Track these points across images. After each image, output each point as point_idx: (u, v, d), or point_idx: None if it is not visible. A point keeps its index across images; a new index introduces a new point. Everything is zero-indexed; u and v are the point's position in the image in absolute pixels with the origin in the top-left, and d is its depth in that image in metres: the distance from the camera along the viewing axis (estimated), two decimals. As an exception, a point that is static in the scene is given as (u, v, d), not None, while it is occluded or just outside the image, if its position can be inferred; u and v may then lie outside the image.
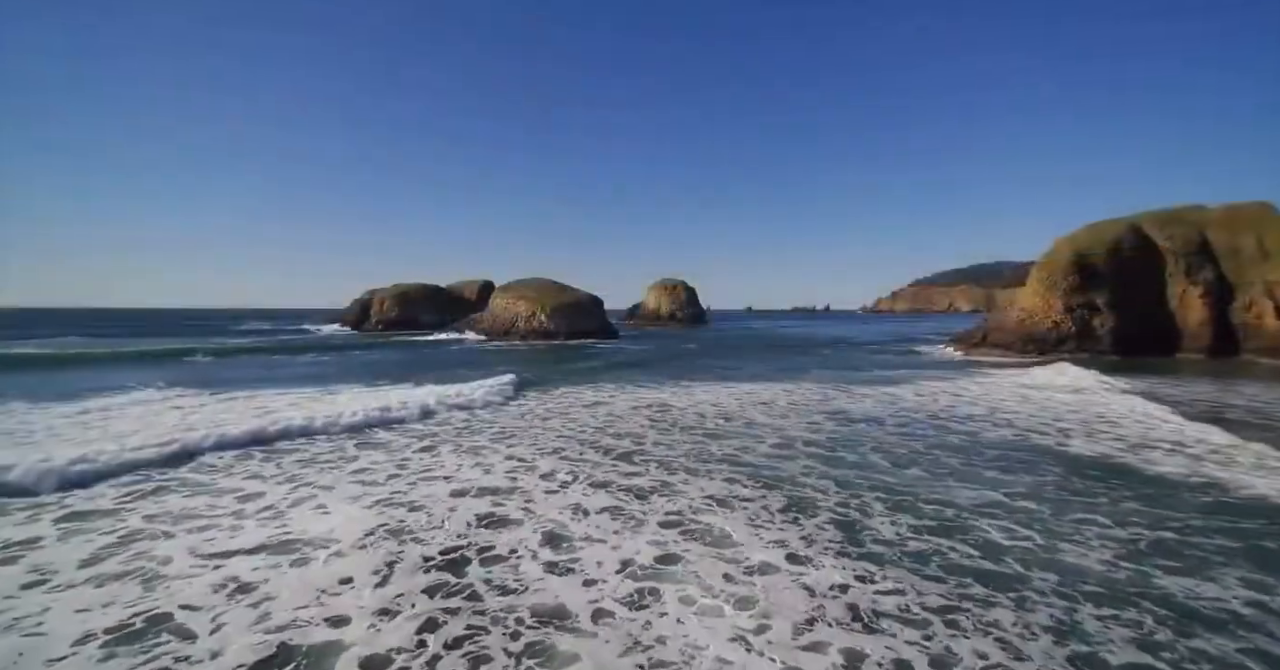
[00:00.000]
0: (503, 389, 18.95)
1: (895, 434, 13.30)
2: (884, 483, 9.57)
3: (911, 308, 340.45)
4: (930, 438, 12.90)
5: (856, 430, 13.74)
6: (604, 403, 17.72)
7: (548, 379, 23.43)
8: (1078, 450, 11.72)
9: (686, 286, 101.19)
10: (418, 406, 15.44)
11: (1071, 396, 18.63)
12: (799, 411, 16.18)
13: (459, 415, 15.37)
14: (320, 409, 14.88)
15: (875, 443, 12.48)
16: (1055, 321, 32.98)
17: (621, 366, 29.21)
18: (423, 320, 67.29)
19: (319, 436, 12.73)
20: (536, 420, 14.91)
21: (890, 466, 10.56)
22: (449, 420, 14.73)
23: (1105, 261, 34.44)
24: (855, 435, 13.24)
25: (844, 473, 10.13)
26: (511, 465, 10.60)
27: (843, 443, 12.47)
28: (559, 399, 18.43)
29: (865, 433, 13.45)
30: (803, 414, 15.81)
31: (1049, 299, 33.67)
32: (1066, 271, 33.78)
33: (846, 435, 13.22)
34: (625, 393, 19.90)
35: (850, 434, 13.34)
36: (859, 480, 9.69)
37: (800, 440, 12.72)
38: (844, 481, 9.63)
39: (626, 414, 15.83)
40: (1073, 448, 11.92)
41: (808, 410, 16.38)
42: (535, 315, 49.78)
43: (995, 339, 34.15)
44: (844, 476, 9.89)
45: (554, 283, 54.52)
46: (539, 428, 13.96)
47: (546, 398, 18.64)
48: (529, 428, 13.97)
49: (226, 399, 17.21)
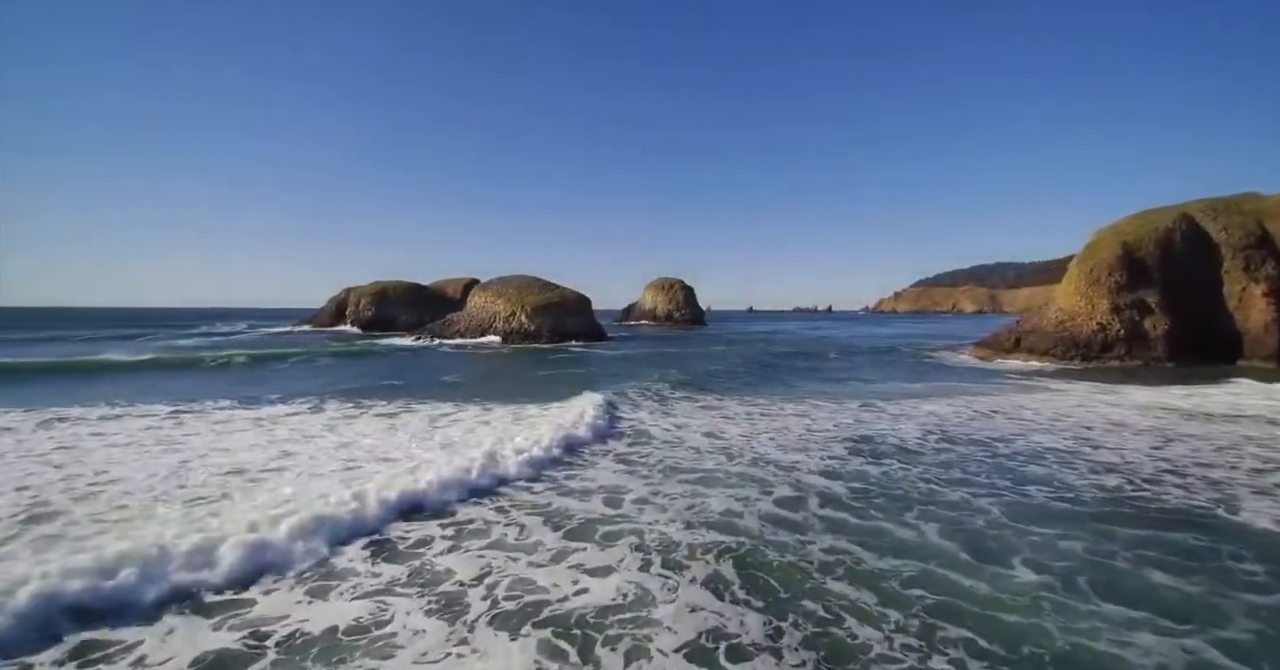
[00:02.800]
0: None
1: (951, 483, 9.14)
2: (963, 595, 5.43)
3: (915, 308, 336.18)
4: (1005, 491, 8.74)
5: (893, 475, 9.60)
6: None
7: (492, 393, 19.34)
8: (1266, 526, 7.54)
9: (684, 285, 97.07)
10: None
11: (1212, 427, 14.43)
12: (815, 442, 12.01)
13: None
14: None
15: (924, 497, 8.35)
16: (1101, 324, 28.75)
17: (605, 372, 25.09)
18: (401, 321, 63.14)
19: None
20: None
21: (961, 555, 6.40)
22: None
23: (1155, 255, 30.22)
24: (892, 483, 9.09)
25: (886, 568, 5.97)
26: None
27: (877, 497, 8.33)
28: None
29: (907, 480, 9.30)
30: (819, 445, 11.65)
31: (1093, 298, 29.44)
32: (1113, 267, 29.55)
33: (881, 483, 9.07)
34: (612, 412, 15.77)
35: (885, 481, 9.19)
36: (918, 592, 5.54)
37: (815, 492, 8.58)
38: (892, 597, 5.48)
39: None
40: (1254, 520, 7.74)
41: (825, 439, 12.22)
42: (514, 315, 45.59)
43: (1030, 344, 29.92)
44: (889, 586, 5.73)
45: (537, 280, 50.32)
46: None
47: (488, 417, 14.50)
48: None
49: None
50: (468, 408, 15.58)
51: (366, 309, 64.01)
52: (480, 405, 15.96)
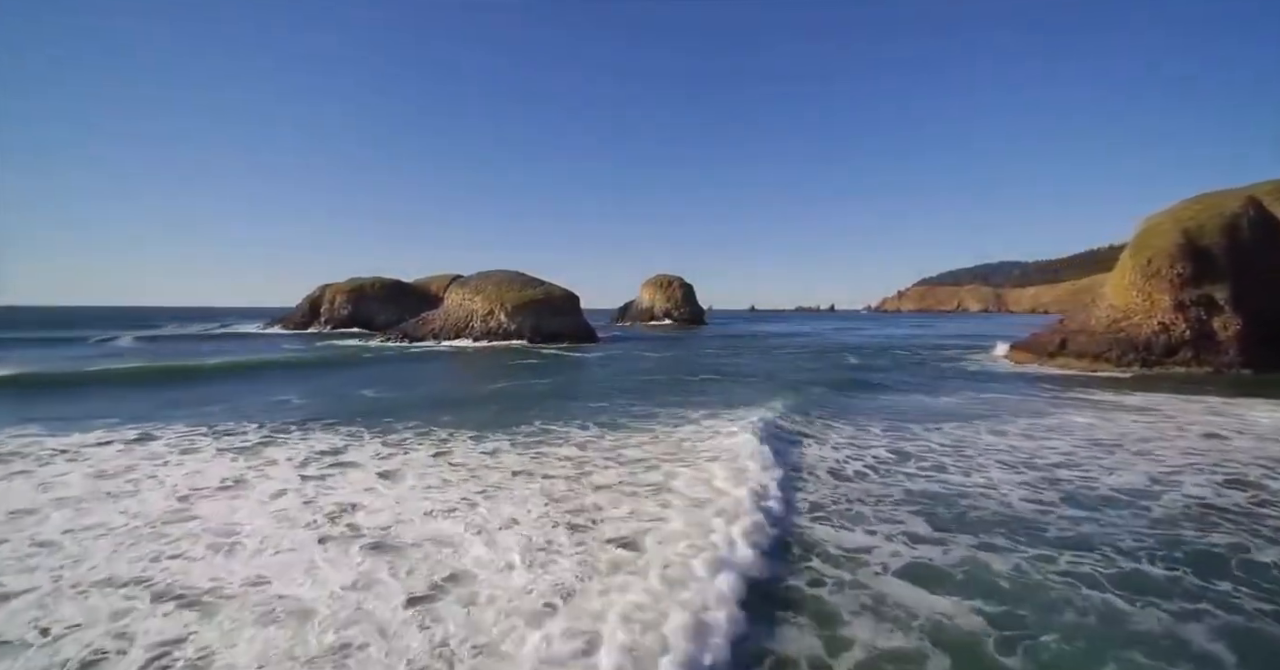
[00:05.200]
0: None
1: (1046, 572, 5.10)
2: None
3: (919, 307, 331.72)
4: (1226, 608, 4.70)
5: (953, 558, 5.56)
6: (532, 466, 9.55)
7: (428, 417, 15.43)
8: None
9: (683, 283, 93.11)
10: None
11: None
12: (831, 488, 7.97)
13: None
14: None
15: (1012, 623, 4.29)
16: (1163, 324, 24.68)
17: (563, 389, 21.09)
18: (380, 320, 59.15)
19: None
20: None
21: None
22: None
23: (1221, 245, 26.13)
24: (951, 582, 5.04)
25: None
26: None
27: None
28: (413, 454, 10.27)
29: (974, 570, 5.24)
30: (839, 490, 7.61)
31: (1152, 294, 25.36)
32: (1175, 257, 25.47)
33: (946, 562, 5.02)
34: (564, 439, 11.76)
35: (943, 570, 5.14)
36: None
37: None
38: None
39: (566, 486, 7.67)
40: None
41: (877, 494, 8.17)
42: (493, 314, 41.51)
43: (1079, 346, 25.85)
44: None
45: (520, 275, 46.20)
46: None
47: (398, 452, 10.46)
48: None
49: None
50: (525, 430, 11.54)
51: (342, 307, 60.04)
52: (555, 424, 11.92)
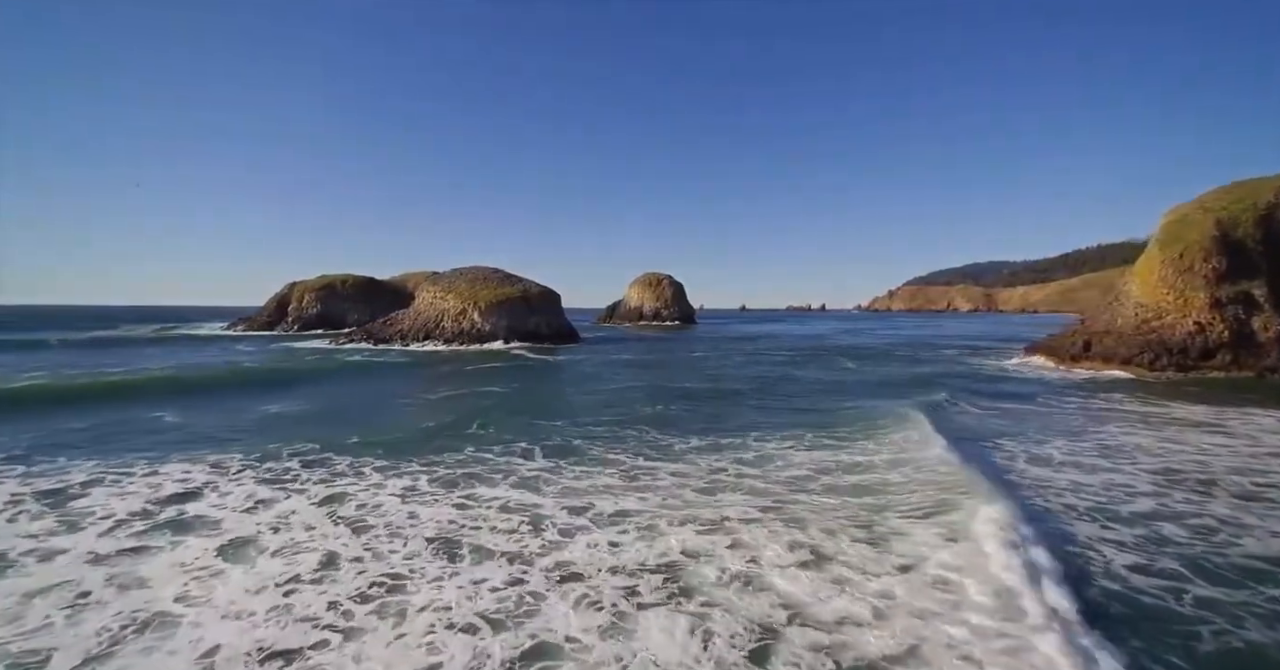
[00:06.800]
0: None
1: None
2: None
3: (910, 307, 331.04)
4: None
5: None
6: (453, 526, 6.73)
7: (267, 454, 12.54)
8: None
9: (673, 281, 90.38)
10: None
11: None
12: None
13: None
14: None
15: None
16: (1199, 324, 22.25)
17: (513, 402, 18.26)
18: (351, 319, 55.95)
19: None
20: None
21: None
22: None
23: (1257, 237, 23.80)
24: None
25: None
26: None
27: None
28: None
29: None
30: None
31: (1185, 292, 22.94)
32: (1209, 251, 23.08)
33: None
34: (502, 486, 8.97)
35: None
36: None
37: None
38: None
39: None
40: None
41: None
42: (465, 313, 38.52)
43: (1105, 348, 23.38)
44: None
45: (497, 272, 43.20)
46: None
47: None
48: None
49: None
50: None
51: (311, 306, 56.70)
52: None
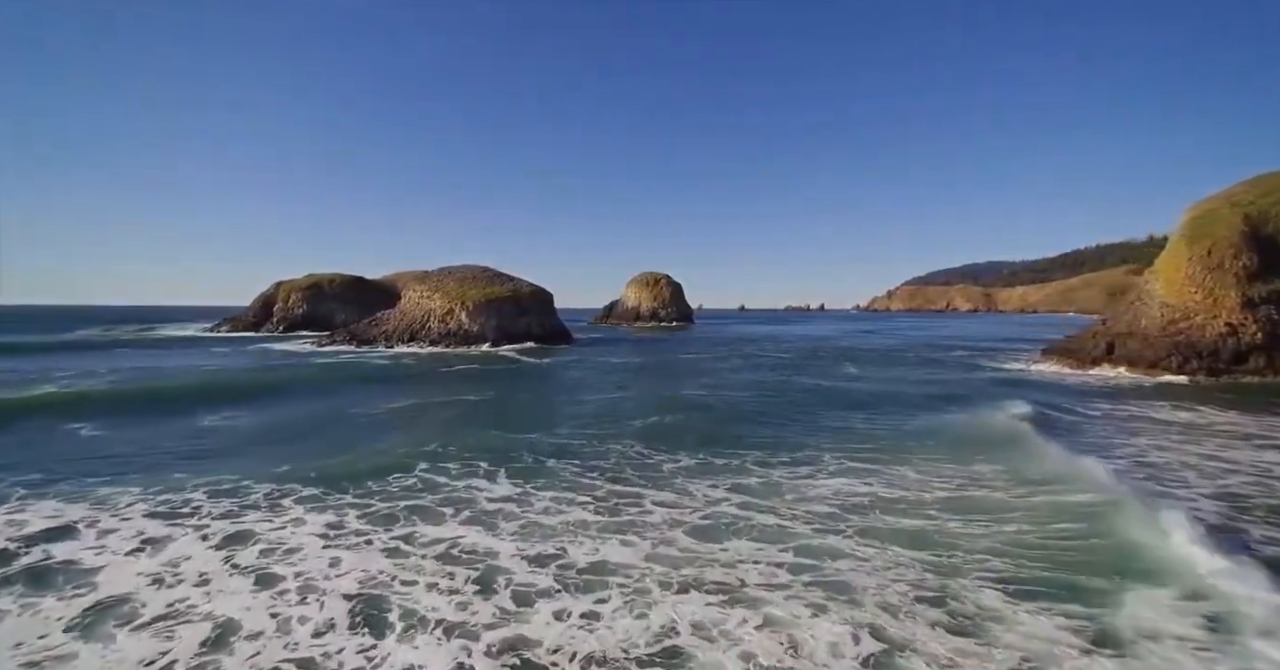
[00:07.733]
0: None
1: None
2: None
3: (910, 307, 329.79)
4: None
5: None
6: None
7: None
8: None
9: (671, 281, 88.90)
10: None
11: None
12: None
13: None
14: None
15: None
16: (1231, 325, 20.82)
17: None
18: (338, 319, 54.33)
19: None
20: None
21: None
22: None
23: (1288, 232, 22.37)
24: None
25: None
26: None
27: None
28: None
29: None
30: None
31: (1214, 290, 21.50)
32: (1240, 247, 21.66)
33: None
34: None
35: None
36: None
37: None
38: None
39: None
40: None
41: None
42: (452, 313, 37.01)
43: (1128, 351, 21.95)
44: None
45: (486, 270, 41.70)
46: None
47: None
48: None
49: None
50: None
51: (297, 306, 55.15)
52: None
